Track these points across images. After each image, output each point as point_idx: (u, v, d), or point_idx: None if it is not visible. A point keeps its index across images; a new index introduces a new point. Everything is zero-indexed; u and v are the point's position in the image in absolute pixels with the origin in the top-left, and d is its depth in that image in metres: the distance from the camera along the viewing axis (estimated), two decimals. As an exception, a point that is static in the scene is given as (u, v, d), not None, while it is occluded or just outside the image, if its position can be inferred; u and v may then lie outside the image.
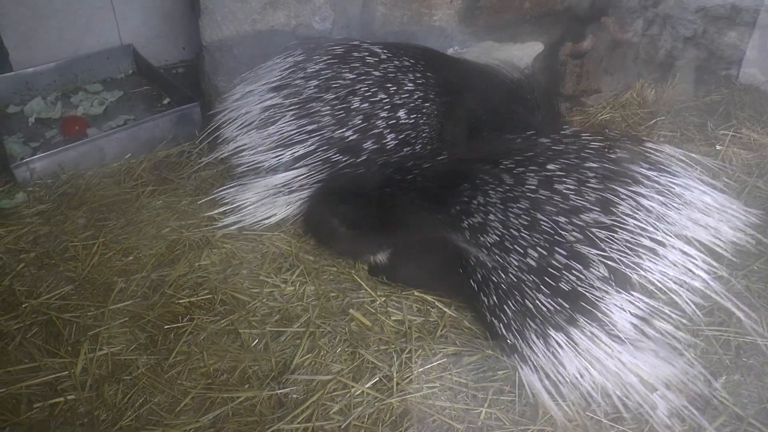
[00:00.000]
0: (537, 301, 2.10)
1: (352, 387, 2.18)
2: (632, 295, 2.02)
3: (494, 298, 2.21)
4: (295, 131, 2.64)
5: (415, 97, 2.76)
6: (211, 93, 3.28)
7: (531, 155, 2.25)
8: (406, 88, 2.74)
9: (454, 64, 3.03)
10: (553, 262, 2.07)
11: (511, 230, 2.16)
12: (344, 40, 2.85)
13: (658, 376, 2.01)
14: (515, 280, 2.14)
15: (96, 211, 2.90)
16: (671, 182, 2.17)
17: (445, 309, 2.48)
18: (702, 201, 2.18)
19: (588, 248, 2.04)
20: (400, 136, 2.72)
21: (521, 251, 2.13)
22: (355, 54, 2.74)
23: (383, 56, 2.76)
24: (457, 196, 2.30)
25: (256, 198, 2.73)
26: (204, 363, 2.27)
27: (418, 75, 2.79)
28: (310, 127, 2.64)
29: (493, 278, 2.20)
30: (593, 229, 2.05)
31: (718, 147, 3.26)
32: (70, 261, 2.65)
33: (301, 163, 2.66)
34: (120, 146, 3.27)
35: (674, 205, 2.13)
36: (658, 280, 2.00)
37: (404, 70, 2.77)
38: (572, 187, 2.12)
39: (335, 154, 2.66)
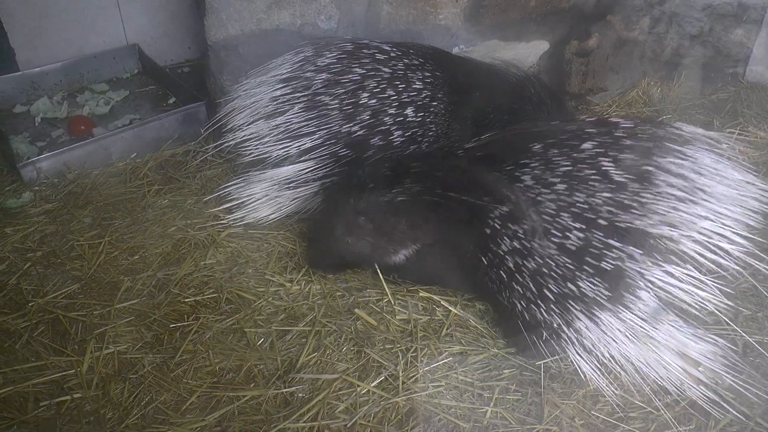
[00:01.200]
0: (580, 282, 2.08)
1: (358, 386, 2.18)
2: (674, 267, 2.04)
3: (532, 285, 2.17)
4: (303, 123, 2.64)
5: (423, 95, 2.76)
6: (217, 92, 3.28)
7: (563, 138, 2.23)
8: (414, 86, 2.74)
9: (462, 64, 3.03)
10: (594, 242, 2.07)
11: (545, 215, 2.13)
12: (354, 39, 2.85)
13: (699, 352, 2.08)
14: (554, 264, 2.12)
15: (102, 210, 2.91)
16: (702, 158, 2.18)
17: (450, 308, 2.48)
18: (729, 176, 2.19)
19: (630, 223, 2.04)
20: (407, 134, 2.72)
21: (560, 234, 2.11)
22: (365, 51, 2.74)
23: (392, 54, 2.77)
24: (489, 185, 2.25)
25: (261, 193, 2.73)
26: (210, 362, 2.27)
27: (427, 74, 2.79)
28: (317, 120, 2.63)
29: (528, 265, 2.16)
30: (634, 204, 2.06)
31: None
32: (76, 260, 2.66)
33: (308, 156, 2.66)
34: (126, 145, 3.28)
35: (708, 178, 2.13)
36: (699, 250, 2.03)
37: (413, 69, 2.77)
38: (609, 164, 2.12)
39: (342, 148, 2.66)
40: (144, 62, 4.00)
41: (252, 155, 2.71)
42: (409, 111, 2.72)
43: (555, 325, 2.16)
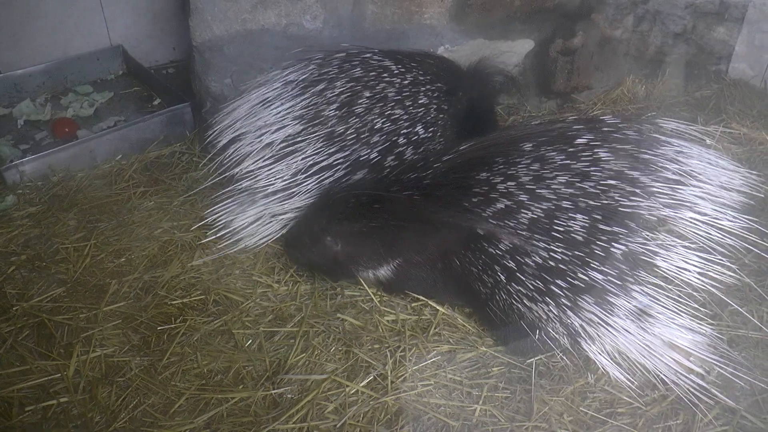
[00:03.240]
0: (590, 272, 2.06)
1: (347, 386, 2.18)
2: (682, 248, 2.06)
3: (538, 283, 2.12)
4: (324, 157, 2.59)
5: (431, 109, 2.76)
6: (202, 93, 3.27)
7: (555, 135, 2.23)
8: (420, 101, 2.73)
9: (453, 69, 3.02)
10: (598, 233, 2.06)
11: (544, 208, 2.11)
12: (356, 49, 2.80)
13: (691, 342, 2.08)
14: (560, 257, 2.08)
15: (87, 213, 2.89)
16: (691, 149, 2.24)
17: (438, 307, 2.48)
18: (718, 165, 2.25)
19: (634, 208, 2.06)
20: (419, 150, 2.71)
21: (564, 224, 2.09)
22: (373, 74, 2.70)
23: (395, 71, 2.74)
24: (477, 185, 2.22)
25: (253, 218, 2.67)
26: (198, 364, 2.26)
27: (430, 87, 2.79)
28: (338, 154, 2.60)
29: (531, 262, 2.12)
30: (636, 190, 2.08)
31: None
32: (61, 263, 2.63)
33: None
34: (111, 147, 3.25)
35: (699, 166, 2.19)
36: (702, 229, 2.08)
37: (417, 84, 2.76)
38: (606, 156, 2.13)
39: (363, 175, 2.63)
40: (128, 63, 3.97)
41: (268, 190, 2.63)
42: (419, 128, 2.71)
43: (566, 321, 2.13)
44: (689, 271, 2.04)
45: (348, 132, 2.61)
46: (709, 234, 2.07)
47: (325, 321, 2.42)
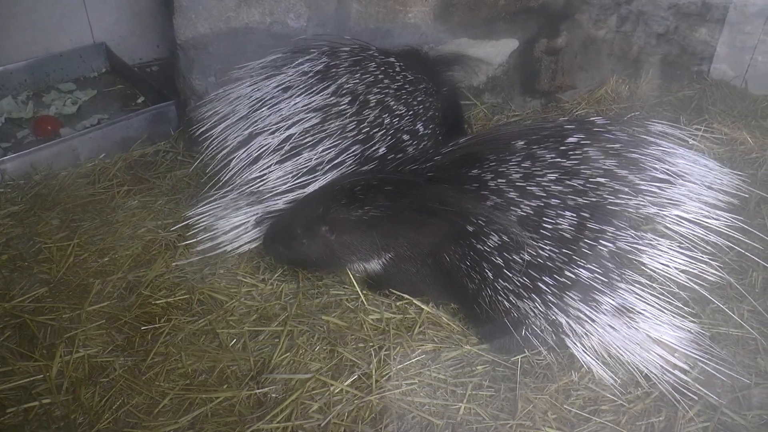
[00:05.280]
0: (577, 270, 2.08)
1: (332, 385, 2.18)
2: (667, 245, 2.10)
3: (525, 279, 2.13)
4: (339, 153, 2.56)
5: (431, 106, 2.78)
6: (186, 91, 3.25)
7: (546, 134, 2.25)
8: (419, 98, 2.75)
9: (437, 65, 3.04)
10: (586, 231, 2.08)
11: (533, 205, 2.13)
12: (358, 44, 2.78)
13: (676, 338, 2.11)
14: (547, 254, 2.10)
15: (70, 212, 2.87)
16: (677, 149, 2.29)
17: (422, 306, 2.48)
18: (703, 165, 2.30)
19: (621, 206, 2.10)
20: (420, 146, 2.72)
21: (553, 221, 2.11)
22: (382, 68, 2.70)
23: (398, 68, 2.75)
24: (468, 182, 2.23)
25: (239, 221, 2.63)
26: (182, 364, 2.25)
27: (425, 86, 2.80)
28: (354, 147, 2.57)
29: (518, 259, 2.12)
30: (625, 188, 2.12)
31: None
32: (44, 263, 2.61)
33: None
34: (94, 146, 3.23)
35: (685, 166, 2.25)
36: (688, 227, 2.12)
37: (416, 82, 2.77)
38: (596, 155, 2.16)
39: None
40: (112, 61, 3.95)
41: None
42: (419, 126, 2.72)
43: (552, 318, 2.14)
44: (674, 269, 2.07)
45: (362, 126, 2.59)
46: (694, 232, 2.11)
47: (309, 320, 2.42)
